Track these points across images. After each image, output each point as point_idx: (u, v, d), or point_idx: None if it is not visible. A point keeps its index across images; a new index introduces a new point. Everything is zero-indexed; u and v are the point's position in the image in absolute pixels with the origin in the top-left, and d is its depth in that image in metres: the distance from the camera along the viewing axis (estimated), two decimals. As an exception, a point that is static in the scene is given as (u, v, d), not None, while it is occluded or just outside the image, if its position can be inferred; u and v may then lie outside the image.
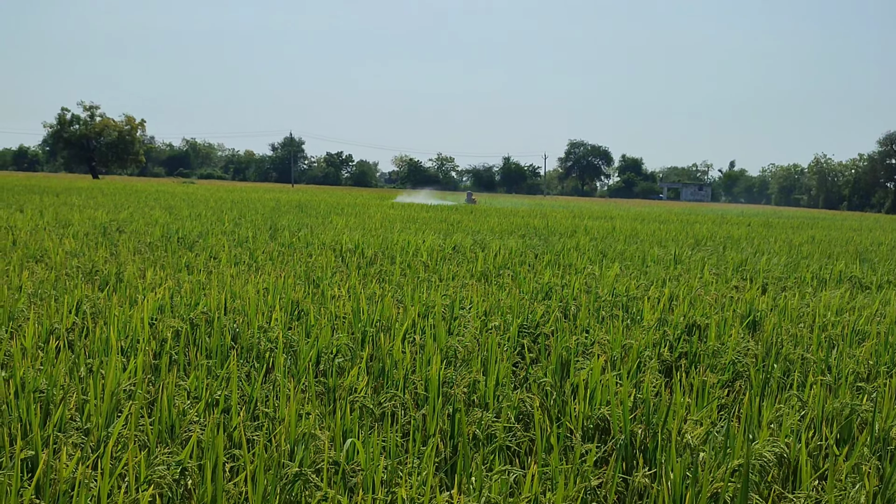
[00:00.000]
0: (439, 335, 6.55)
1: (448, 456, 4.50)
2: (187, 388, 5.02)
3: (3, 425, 4.25)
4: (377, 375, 5.71)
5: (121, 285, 8.71)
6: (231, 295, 8.11)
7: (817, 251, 19.29)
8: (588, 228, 24.61)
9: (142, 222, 18.48)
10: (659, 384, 5.58)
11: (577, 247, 16.92)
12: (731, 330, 7.50)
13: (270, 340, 6.30)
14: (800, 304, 9.53)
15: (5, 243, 12.57)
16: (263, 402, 4.97)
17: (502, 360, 5.81)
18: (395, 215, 27.73)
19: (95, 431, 4.21)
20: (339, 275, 10.60)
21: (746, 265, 14.49)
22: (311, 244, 14.78)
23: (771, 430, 4.80)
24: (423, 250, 14.23)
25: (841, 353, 6.84)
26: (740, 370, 6.34)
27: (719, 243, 20.60)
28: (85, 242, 13.44)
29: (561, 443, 4.53)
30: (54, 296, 7.68)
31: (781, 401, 5.50)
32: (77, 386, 4.76)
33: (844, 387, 5.69)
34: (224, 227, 17.97)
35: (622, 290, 10.04)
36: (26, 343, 5.80)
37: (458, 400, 4.90)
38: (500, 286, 10.19)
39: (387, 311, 7.47)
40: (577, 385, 5.41)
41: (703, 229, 27.43)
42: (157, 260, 11.41)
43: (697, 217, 43.07)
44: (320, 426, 4.55)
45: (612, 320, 7.89)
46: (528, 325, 7.43)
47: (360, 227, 20.22)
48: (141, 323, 6.46)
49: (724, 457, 4.30)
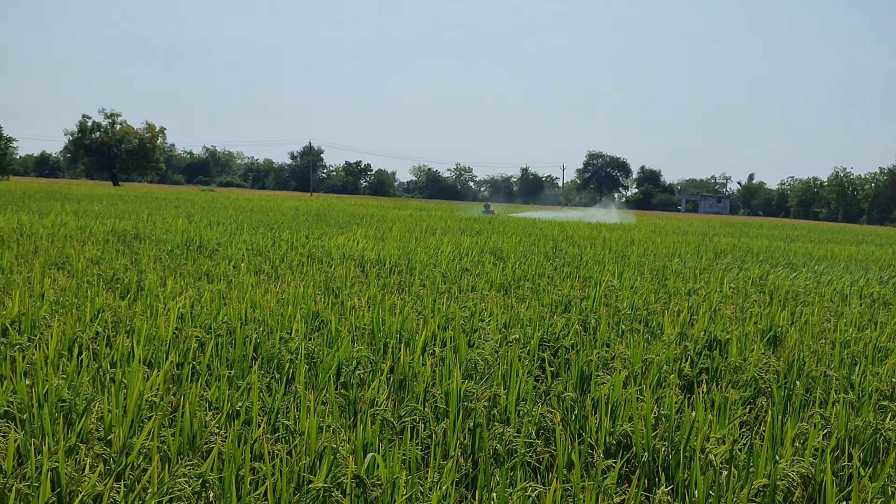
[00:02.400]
0: (460, 347, 6.54)
1: (469, 471, 4.48)
2: (209, 399, 5.03)
3: (27, 435, 4.27)
4: (397, 388, 5.70)
5: (142, 294, 8.74)
6: (251, 305, 8.13)
7: (839, 266, 19.17)
8: (606, 240, 24.54)
9: (162, 229, 18.55)
10: (680, 400, 5.55)
11: (595, 258, 16.88)
12: (753, 346, 7.46)
13: (291, 351, 6.31)
14: (821, 320, 9.47)
15: (27, 250, 12.65)
16: (284, 413, 4.97)
17: (523, 373, 5.79)
18: (413, 225, 27.74)
19: (118, 442, 4.22)
20: (358, 285, 10.61)
21: (767, 279, 14.41)
22: (330, 254, 14.80)
23: (795, 448, 4.76)
24: (442, 261, 14.23)
25: (863, 370, 6.79)
26: (762, 387, 6.30)
27: (738, 256, 20.50)
28: (105, 249, 13.51)
29: (582, 459, 4.50)
30: (76, 304, 7.71)
31: (804, 419, 5.46)
32: (100, 396, 4.77)
33: (868, 405, 5.64)
34: (243, 236, 18.02)
35: (641, 303, 10.00)
36: (49, 352, 5.83)
37: (479, 414, 4.89)
38: (519, 298, 10.18)
39: (407, 322, 7.46)
40: (599, 400, 5.39)
41: (722, 242, 27.32)
42: (178, 268, 11.44)
43: (717, 229, 42.90)
44: (341, 439, 4.54)
45: (633, 334, 7.86)
46: (549, 338, 7.42)
47: (379, 236, 20.24)
48: (164, 331, 6.48)
49: (747, 476, 4.27)
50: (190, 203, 40.64)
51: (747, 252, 22.71)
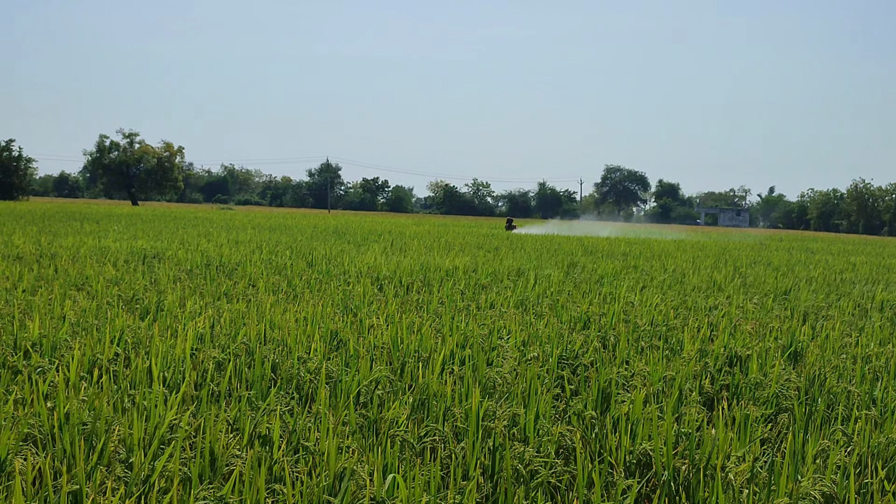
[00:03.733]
0: (478, 366, 6.53)
1: (490, 492, 4.47)
2: (228, 420, 5.04)
3: (48, 458, 4.29)
4: (417, 408, 5.70)
5: (161, 314, 8.79)
6: (270, 324, 8.15)
7: (859, 279, 19.05)
8: (626, 253, 24.50)
9: (181, 249, 18.64)
10: (701, 418, 5.53)
11: (614, 273, 16.84)
12: (774, 362, 7.42)
13: (310, 371, 6.32)
14: (841, 335, 9.41)
15: (48, 271, 12.73)
16: (304, 435, 4.97)
17: (542, 392, 5.78)
18: (431, 242, 27.76)
19: (139, 465, 4.24)
20: (376, 303, 10.63)
21: (788, 294, 14.35)
22: (347, 272, 14.83)
23: (816, 465, 4.73)
24: (460, 278, 14.23)
25: (886, 386, 6.74)
26: (784, 403, 6.26)
27: (759, 271, 20.41)
28: (125, 270, 13.58)
29: (602, 478, 4.49)
30: (96, 325, 7.76)
31: (826, 435, 5.43)
32: (120, 419, 4.79)
33: (891, 421, 5.60)
34: (262, 255, 18.09)
35: (661, 319, 9.97)
36: (70, 374, 5.86)
37: (498, 434, 4.88)
38: (538, 315, 10.16)
39: (426, 341, 7.47)
40: (619, 419, 5.37)
41: (741, 255, 27.22)
42: (197, 288, 11.49)
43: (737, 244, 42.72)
44: (360, 460, 4.54)
45: (652, 351, 7.83)
46: (567, 355, 7.40)
47: (397, 253, 20.26)
48: (182, 353, 6.51)
49: (769, 494, 4.24)
50: (209, 222, 40.84)
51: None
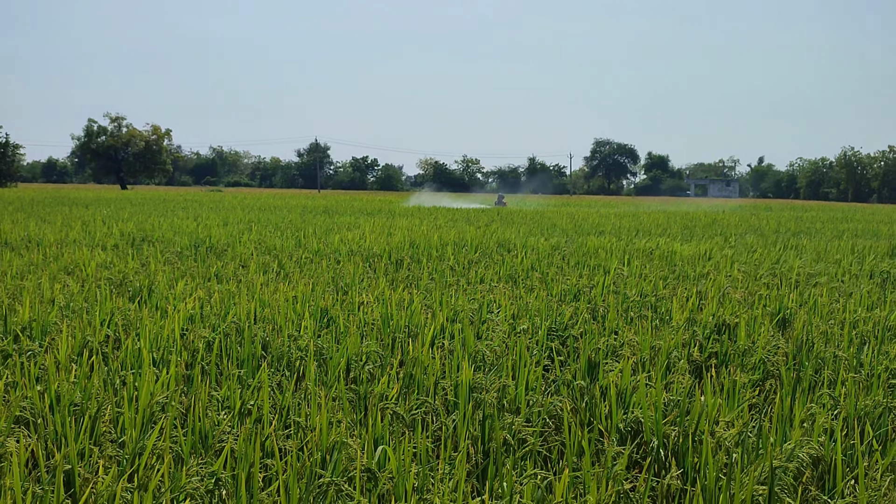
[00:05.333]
0: (468, 340, 6.56)
1: (479, 461, 4.51)
2: (219, 398, 5.06)
3: (40, 439, 4.31)
4: (407, 382, 5.72)
5: (151, 296, 8.79)
6: (260, 304, 8.17)
7: (847, 246, 19.12)
8: (616, 227, 24.54)
9: (170, 232, 18.61)
10: (689, 385, 5.56)
11: (605, 246, 16.87)
12: (761, 328, 7.47)
13: (300, 349, 6.34)
14: (830, 301, 9.46)
15: (37, 257, 12.70)
16: (295, 410, 5.00)
17: (531, 364, 5.81)
18: (422, 218, 27.76)
19: (130, 444, 4.26)
20: (366, 280, 10.64)
21: (777, 262, 14.40)
22: (338, 251, 14.83)
23: (804, 429, 4.78)
24: (450, 254, 14.25)
25: (873, 350, 6.79)
26: (771, 369, 6.31)
27: (750, 240, 20.47)
28: (115, 254, 13.56)
29: (592, 446, 4.52)
30: (86, 308, 7.76)
31: (813, 399, 5.47)
32: (111, 398, 4.81)
33: (877, 384, 5.64)
34: (252, 235, 18.07)
35: (650, 289, 10.01)
36: (60, 356, 5.87)
37: (488, 405, 4.91)
38: (528, 289, 10.19)
39: (415, 316, 7.49)
40: (608, 388, 5.41)
41: (732, 219, 27.29)
42: (187, 270, 11.49)
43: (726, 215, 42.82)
44: (351, 434, 4.57)
45: (641, 321, 7.87)
46: (557, 327, 7.43)
47: (387, 230, 20.26)
48: (172, 334, 6.52)
49: (756, 458, 4.28)
50: (198, 204, 40.75)
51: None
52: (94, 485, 3.60)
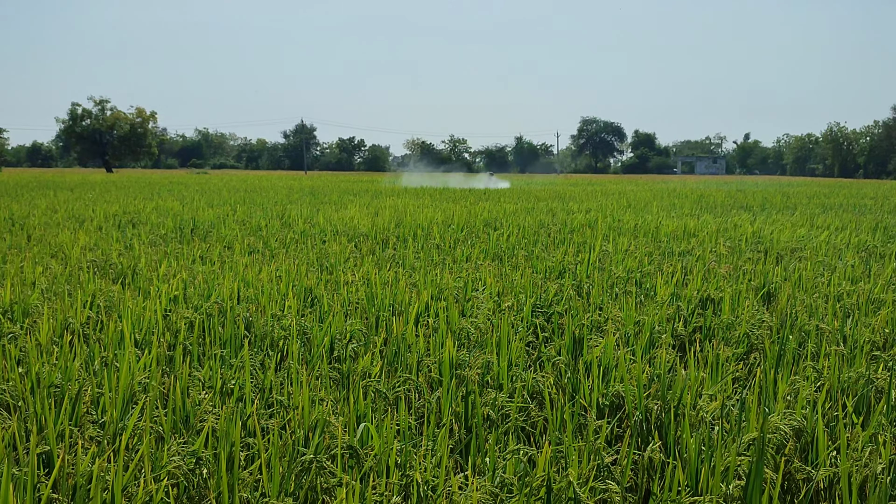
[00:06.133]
0: (452, 317, 6.55)
1: (462, 437, 4.50)
2: (201, 379, 5.04)
3: (20, 421, 4.28)
4: (391, 360, 5.71)
5: (135, 278, 8.74)
6: (244, 283, 8.13)
7: (834, 221, 19.17)
8: (602, 207, 24.54)
9: (155, 214, 18.53)
10: (673, 359, 5.57)
11: (589, 223, 16.88)
12: (745, 302, 7.48)
13: (284, 328, 6.31)
14: (814, 275, 9.48)
15: (20, 240, 12.63)
16: (278, 389, 4.98)
17: (515, 340, 5.80)
18: (407, 197, 27.70)
19: (111, 424, 4.23)
20: (352, 260, 10.61)
21: (761, 236, 14.42)
22: (324, 231, 14.79)
23: (787, 402, 4.78)
24: (435, 232, 14.23)
25: (856, 322, 6.80)
26: (755, 342, 6.32)
27: (734, 215, 20.50)
28: (99, 236, 13.49)
29: (575, 420, 4.52)
30: (68, 290, 7.71)
31: (797, 372, 5.48)
32: (92, 379, 4.78)
33: (860, 356, 5.65)
34: (237, 216, 18.00)
35: (635, 265, 10.01)
36: (41, 338, 5.83)
37: (471, 381, 4.90)
38: (513, 266, 10.18)
39: (400, 295, 7.47)
40: (591, 363, 5.41)
41: (718, 195, 27.33)
42: (172, 251, 11.44)
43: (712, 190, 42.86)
44: (334, 412, 4.56)
45: (626, 297, 7.86)
46: (542, 304, 7.42)
47: (373, 210, 20.21)
48: (154, 315, 6.49)
49: (739, 430, 4.29)
50: (184, 186, 40.58)
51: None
52: (73, 465, 3.57)
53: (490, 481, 3.67)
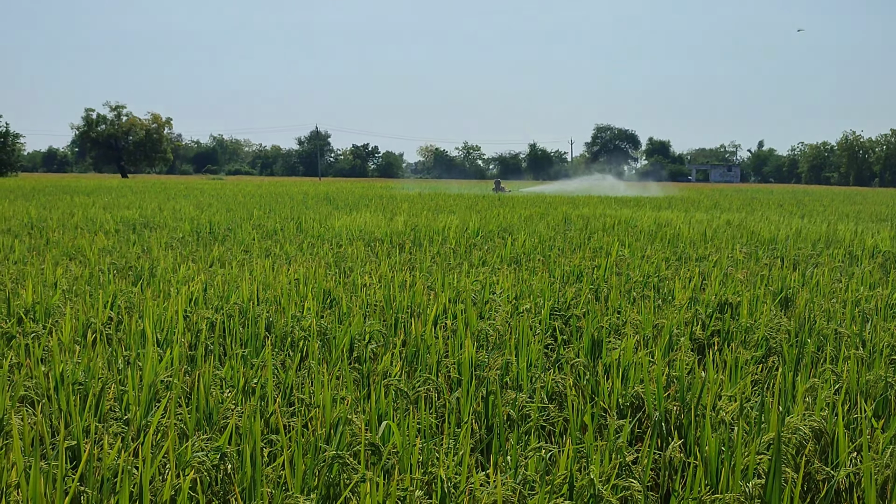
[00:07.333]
0: (470, 319, 6.57)
1: (482, 437, 4.53)
2: (223, 377, 5.08)
3: (45, 417, 4.33)
4: (410, 360, 5.74)
5: (154, 280, 8.80)
6: (263, 286, 8.18)
7: (849, 229, 19.12)
8: (617, 213, 24.53)
9: (172, 218, 18.63)
10: (691, 362, 5.58)
11: (604, 228, 16.89)
12: (763, 307, 7.48)
13: (304, 329, 6.35)
14: (832, 280, 9.46)
15: (39, 242, 12.72)
16: (299, 388, 5.02)
17: (534, 342, 5.82)
18: (423, 204, 27.75)
19: (135, 421, 4.28)
20: (369, 263, 10.65)
21: (777, 243, 14.40)
22: (339, 234, 14.84)
23: (806, 403, 4.79)
24: (451, 238, 14.26)
25: (875, 326, 6.79)
26: (773, 346, 6.32)
27: (750, 222, 20.46)
28: (117, 239, 13.58)
29: (595, 422, 4.54)
30: (89, 291, 7.77)
31: (815, 375, 5.48)
32: (115, 377, 4.83)
33: (879, 360, 5.65)
34: (253, 220, 18.08)
35: (652, 270, 10.02)
36: (63, 338, 5.89)
37: (492, 382, 4.93)
38: (531, 271, 10.20)
39: (418, 297, 7.50)
40: (610, 365, 5.42)
41: (733, 201, 27.27)
42: (189, 254, 11.51)
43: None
44: (355, 411, 4.59)
45: (644, 301, 7.87)
46: (559, 307, 7.44)
47: (388, 216, 20.26)
48: (175, 315, 6.53)
49: (759, 431, 4.30)
50: (199, 192, 40.75)
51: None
52: (100, 459, 3.61)
53: (512, 479, 3.69)
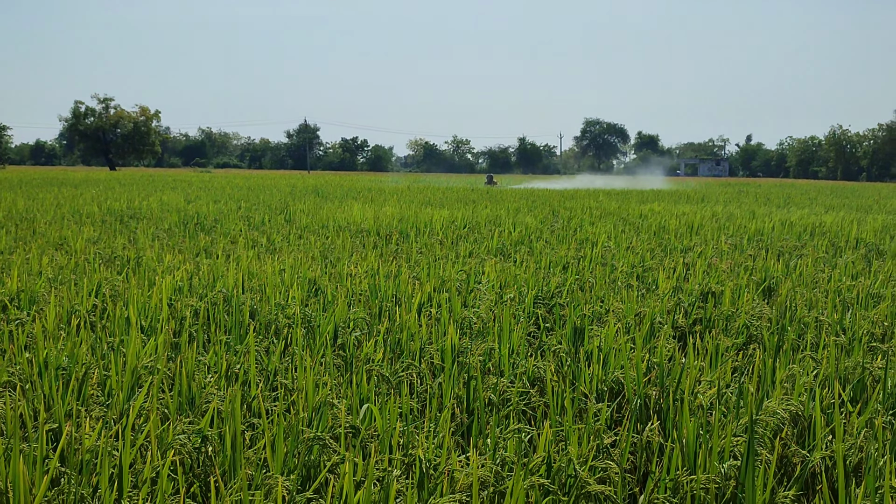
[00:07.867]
0: (454, 307, 6.60)
1: (464, 420, 4.56)
2: (206, 363, 5.10)
3: (28, 401, 4.34)
4: (394, 347, 5.77)
5: (140, 269, 8.80)
6: (248, 275, 8.19)
7: (835, 220, 19.21)
8: (603, 205, 24.58)
9: (159, 209, 18.60)
10: (673, 348, 5.62)
11: (591, 219, 16.93)
12: (746, 295, 7.53)
13: (288, 316, 6.37)
14: (815, 270, 9.52)
15: (25, 233, 12.70)
16: (282, 374, 5.04)
17: (517, 329, 5.86)
18: (411, 197, 27.76)
19: (117, 405, 4.29)
20: (356, 254, 10.67)
21: (763, 234, 14.47)
22: (327, 226, 14.85)
23: (784, 388, 4.84)
24: (438, 229, 14.28)
25: (855, 314, 6.85)
26: (754, 333, 6.37)
27: (736, 213, 20.54)
28: (103, 230, 13.56)
29: (575, 406, 4.57)
30: (74, 280, 7.78)
31: (795, 361, 5.53)
32: (99, 363, 4.84)
33: (858, 347, 5.70)
34: (241, 212, 18.07)
35: (637, 260, 10.07)
36: (48, 325, 5.90)
37: (473, 368, 4.96)
38: (516, 262, 10.24)
39: (403, 286, 7.52)
40: (591, 351, 5.46)
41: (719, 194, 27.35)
42: (175, 245, 11.51)
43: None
44: (338, 395, 4.62)
45: (628, 290, 7.92)
46: (544, 296, 7.47)
47: (376, 208, 20.26)
48: (160, 303, 6.55)
49: (737, 415, 4.34)
50: (187, 184, 40.66)
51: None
52: (80, 441, 3.63)
53: (491, 460, 3.72)
